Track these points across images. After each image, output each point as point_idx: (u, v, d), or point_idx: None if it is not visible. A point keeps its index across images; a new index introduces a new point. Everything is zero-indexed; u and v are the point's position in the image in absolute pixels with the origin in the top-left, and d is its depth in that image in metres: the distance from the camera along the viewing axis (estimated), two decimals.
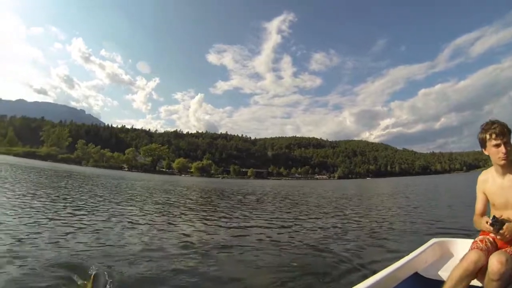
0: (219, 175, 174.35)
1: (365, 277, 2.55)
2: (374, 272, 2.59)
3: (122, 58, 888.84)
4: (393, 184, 55.04)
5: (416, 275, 3.00)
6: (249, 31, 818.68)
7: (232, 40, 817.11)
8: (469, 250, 2.68)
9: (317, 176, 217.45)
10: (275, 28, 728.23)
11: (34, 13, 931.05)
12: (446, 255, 3.52)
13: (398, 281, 2.70)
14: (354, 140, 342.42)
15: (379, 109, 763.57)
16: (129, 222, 9.02)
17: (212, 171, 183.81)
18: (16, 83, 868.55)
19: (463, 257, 2.59)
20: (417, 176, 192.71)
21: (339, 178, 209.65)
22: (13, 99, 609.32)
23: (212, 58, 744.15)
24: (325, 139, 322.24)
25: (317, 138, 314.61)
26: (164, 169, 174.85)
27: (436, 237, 3.82)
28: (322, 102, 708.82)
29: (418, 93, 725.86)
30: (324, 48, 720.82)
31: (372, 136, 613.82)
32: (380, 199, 21.68)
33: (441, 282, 2.72)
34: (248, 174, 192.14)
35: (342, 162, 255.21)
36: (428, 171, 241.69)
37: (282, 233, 8.29)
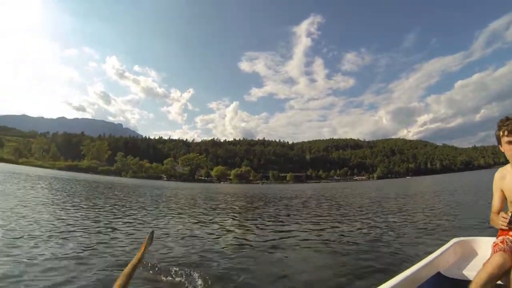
0: (258, 181, 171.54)
1: (390, 277, 2.49)
2: (397, 272, 2.54)
3: (155, 72, 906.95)
4: (435, 182, 54.11)
5: (438, 275, 2.98)
6: (279, 37, 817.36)
7: (263, 46, 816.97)
8: (492, 254, 2.61)
9: (356, 177, 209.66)
10: (304, 32, 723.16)
11: (67, 36, 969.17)
12: (468, 255, 3.49)
13: (421, 281, 2.68)
14: (392, 139, 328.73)
15: (415, 105, 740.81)
16: (186, 228, 9.44)
17: (251, 177, 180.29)
18: (57, 102, 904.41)
19: (487, 261, 2.53)
20: (460, 172, 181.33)
21: (378, 178, 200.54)
22: (54, 117, 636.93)
23: (244, 66, 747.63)
24: (362, 139, 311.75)
25: (354, 139, 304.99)
26: (202, 178, 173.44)
27: (457, 237, 3.74)
28: (357, 102, 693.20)
29: (455, 85, 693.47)
30: (355, 47, 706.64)
31: (410, 133, 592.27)
32: (422, 197, 21.23)
33: (464, 282, 2.75)
34: (287, 178, 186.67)
35: (381, 162, 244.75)
36: (471, 166, 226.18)
37: (330, 233, 8.55)
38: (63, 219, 9.78)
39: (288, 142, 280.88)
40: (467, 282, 2.57)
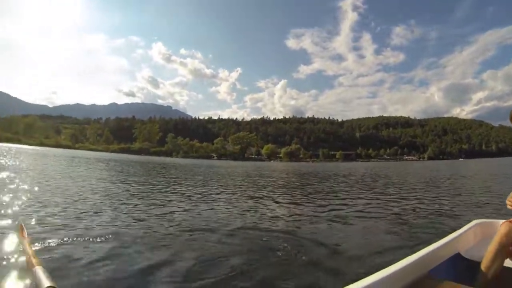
0: (308, 159, 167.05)
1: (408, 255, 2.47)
2: (415, 251, 2.52)
3: (202, 54, 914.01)
4: (492, 165, 51.29)
5: (457, 255, 2.94)
6: (325, 12, 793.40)
7: (309, 23, 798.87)
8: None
9: (406, 157, 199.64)
10: (350, 6, 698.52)
11: (114, 27, 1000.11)
12: (488, 236, 3.32)
13: (440, 261, 2.68)
14: (444, 117, 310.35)
15: (470, 81, 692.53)
16: (255, 203, 9.33)
17: (301, 156, 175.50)
18: (108, 90, 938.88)
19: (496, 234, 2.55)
20: None
21: (429, 158, 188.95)
22: (106, 103, 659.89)
23: (291, 43, 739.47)
24: (413, 117, 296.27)
25: (404, 117, 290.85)
26: (252, 156, 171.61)
27: (478, 218, 3.64)
28: (408, 78, 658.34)
29: None
30: (403, 20, 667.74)
31: (464, 112, 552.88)
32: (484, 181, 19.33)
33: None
34: (337, 156, 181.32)
35: (432, 141, 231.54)
36: None
37: (394, 209, 8.37)
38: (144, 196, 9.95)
39: (337, 119, 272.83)
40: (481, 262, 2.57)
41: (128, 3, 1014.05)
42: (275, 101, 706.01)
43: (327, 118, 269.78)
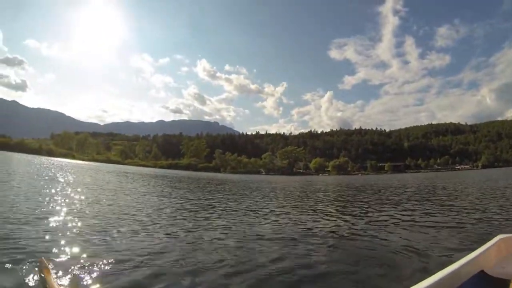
0: (357, 172, 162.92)
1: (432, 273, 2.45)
2: (438, 269, 2.49)
3: (246, 70, 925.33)
4: None
5: (481, 273, 2.85)
6: (365, 19, 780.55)
7: (350, 32, 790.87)
8: None
9: (458, 166, 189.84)
10: (390, 10, 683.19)
11: (159, 47, 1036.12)
12: None
13: (463, 279, 2.60)
14: (498, 121, 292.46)
15: None
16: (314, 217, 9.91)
17: (349, 168, 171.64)
18: (155, 107, 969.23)
19: None
20: None
21: (484, 167, 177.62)
22: (154, 120, 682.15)
23: (334, 54, 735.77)
24: (463, 123, 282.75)
25: (454, 123, 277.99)
26: (301, 170, 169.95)
27: (502, 234, 3.61)
28: (456, 81, 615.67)
29: None
30: (447, 19, 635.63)
31: None
32: None
33: (508, 281, 2.64)
34: (385, 168, 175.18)
35: (486, 148, 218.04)
36: None
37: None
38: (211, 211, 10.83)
39: (385, 130, 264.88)
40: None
41: (171, 24, 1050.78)
42: (322, 113, 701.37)
43: (374, 129, 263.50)
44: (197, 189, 22.68)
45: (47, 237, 6.06)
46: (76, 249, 5.35)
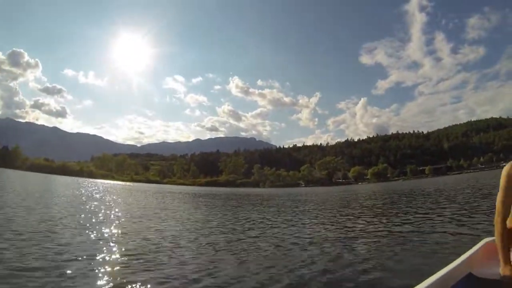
0: (397, 178, 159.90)
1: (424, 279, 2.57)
2: (429, 274, 2.61)
3: (279, 83, 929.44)
4: None
5: (470, 275, 2.95)
6: (392, 20, 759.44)
7: (378, 34, 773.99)
8: None
9: (504, 164, 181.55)
10: (416, 7, 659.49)
11: (191, 67, 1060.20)
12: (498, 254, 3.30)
13: (453, 282, 2.70)
14: None
15: None
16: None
17: (388, 175, 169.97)
18: (191, 126, 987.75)
19: None
20: None
21: None
22: (190, 140, 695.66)
23: (365, 59, 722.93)
24: (505, 117, 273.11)
25: (496, 118, 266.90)
26: (340, 180, 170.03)
27: (487, 237, 3.76)
28: (492, 73, 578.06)
29: None
30: (476, 8, 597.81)
31: None
32: None
33: (495, 282, 2.76)
34: (426, 172, 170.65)
35: None
36: None
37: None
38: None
39: (422, 132, 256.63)
40: (499, 282, 2.66)
41: (201, 44, 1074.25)
42: (357, 121, 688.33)
43: (411, 132, 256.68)
44: (242, 205, 23.97)
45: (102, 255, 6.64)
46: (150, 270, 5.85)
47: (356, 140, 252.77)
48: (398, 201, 22.56)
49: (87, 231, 9.55)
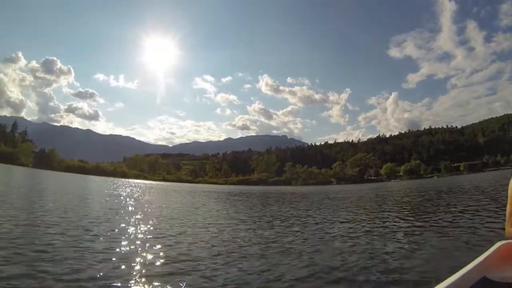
0: (430, 175, 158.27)
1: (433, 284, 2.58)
2: (441, 279, 2.53)
3: (309, 80, 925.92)
4: None
5: (484, 279, 2.90)
6: (420, 10, 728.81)
7: (407, 26, 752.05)
8: None
9: None
10: None
11: (219, 68, 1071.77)
12: None
13: (467, 286, 2.64)
14: None
15: None
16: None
17: (421, 172, 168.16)
18: (222, 125, 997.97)
19: None
20: None
21: None
22: (222, 139, 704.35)
23: (394, 52, 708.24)
24: None
25: None
26: (372, 177, 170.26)
27: (502, 240, 3.60)
28: None
29: None
30: None
31: None
32: None
33: (510, 286, 2.74)
34: (461, 169, 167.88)
35: None
36: None
37: None
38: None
39: (456, 126, 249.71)
40: None
41: (229, 44, 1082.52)
42: (388, 116, 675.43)
43: (444, 127, 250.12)
44: (280, 203, 24.69)
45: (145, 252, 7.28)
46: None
47: (387, 136, 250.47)
48: (437, 199, 22.75)
49: (142, 227, 10.87)
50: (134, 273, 5.80)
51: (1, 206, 13.50)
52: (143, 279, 5.49)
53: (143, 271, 5.97)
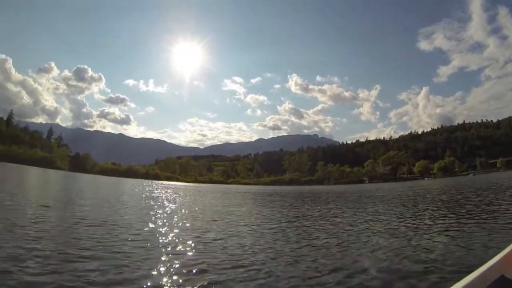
0: (465, 172, 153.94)
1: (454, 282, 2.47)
2: (458, 278, 2.50)
3: (338, 78, 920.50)
4: None
5: (502, 278, 2.83)
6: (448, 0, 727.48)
7: (435, 17, 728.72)
8: None
9: None
10: None
11: (248, 69, 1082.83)
12: None
13: (484, 285, 2.59)
14: None
15: None
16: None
17: (456, 169, 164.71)
18: (253, 126, 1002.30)
19: None
20: None
21: None
22: (253, 139, 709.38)
23: (423, 45, 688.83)
24: None
25: None
26: (405, 175, 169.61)
27: None
28: None
29: None
30: None
31: None
32: None
33: None
34: (498, 165, 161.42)
35: None
36: None
37: None
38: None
39: (492, 120, 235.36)
40: None
41: (256, 45, 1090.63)
42: (420, 112, 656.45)
43: (479, 121, 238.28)
44: (318, 203, 25.07)
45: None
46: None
47: (420, 132, 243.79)
48: (476, 197, 22.28)
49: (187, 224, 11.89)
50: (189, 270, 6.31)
51: (69, 208, 15.07)
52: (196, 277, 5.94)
53: (201, 268, 6.47)
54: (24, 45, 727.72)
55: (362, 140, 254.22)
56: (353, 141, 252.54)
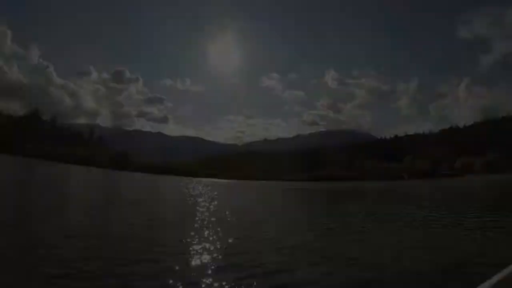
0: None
1: None
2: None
3: (374, 71, 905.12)
4: None
5: None
6: None
7: (474, 2, 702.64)
8: None
9: None
10: None
11: (285, 64, 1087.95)
12: None
13: None
14: None
15: None
16: None
17: (502, 165, 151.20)
18: (291, 122, 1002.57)
19: None
20: None
21: None
22: (291, 135, 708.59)
23: (462, 33, 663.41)
24: None
25: None
26: (445, 172, 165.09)
27: None
28: None
29: None
30: None
31: None
32: None
33: None
34: None
35: None
36: None
37: None
38: None
39: None
40: None
41: (292, 40, 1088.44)
42: (461, 104, 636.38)
43: None
44: (366, 202, 24.82)
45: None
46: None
47: (461, 126, 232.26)
48: None
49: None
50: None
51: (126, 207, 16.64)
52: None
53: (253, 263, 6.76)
54: (63, 51, 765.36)
55: (401, 134, 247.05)
56: (392, 136, 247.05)
